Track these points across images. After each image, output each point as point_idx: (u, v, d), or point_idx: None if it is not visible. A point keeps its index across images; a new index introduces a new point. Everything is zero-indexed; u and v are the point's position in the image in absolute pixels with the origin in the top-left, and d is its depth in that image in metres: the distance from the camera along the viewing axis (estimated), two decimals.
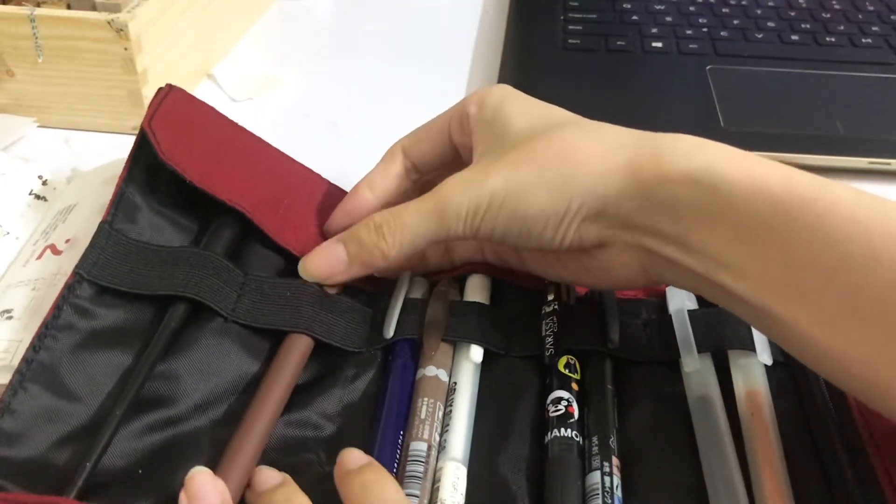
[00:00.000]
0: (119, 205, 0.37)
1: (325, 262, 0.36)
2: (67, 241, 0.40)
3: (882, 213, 0.26)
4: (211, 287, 0.35)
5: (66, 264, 0.39)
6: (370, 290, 0.39)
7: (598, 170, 0.31)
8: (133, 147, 0.39)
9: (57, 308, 0.33)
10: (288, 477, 0.30)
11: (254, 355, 0.35)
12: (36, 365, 0.32)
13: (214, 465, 0.30)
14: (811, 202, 0.27)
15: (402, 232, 0.34)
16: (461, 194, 0.33)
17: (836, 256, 0.26)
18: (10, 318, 0.36)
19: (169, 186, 0.39)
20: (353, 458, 0.29)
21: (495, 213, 0.33)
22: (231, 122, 0.43)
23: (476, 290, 0.38)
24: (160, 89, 0.40)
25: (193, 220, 0.39)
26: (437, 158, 0.39)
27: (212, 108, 0.42)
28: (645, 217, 0.31)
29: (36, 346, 0.32)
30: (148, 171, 0.39)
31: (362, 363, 0.36)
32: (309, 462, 0.32)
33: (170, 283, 0.35)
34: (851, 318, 0.26)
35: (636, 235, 0.32)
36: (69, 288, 0.34)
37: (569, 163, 0.32)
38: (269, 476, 0.30)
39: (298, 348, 0.35)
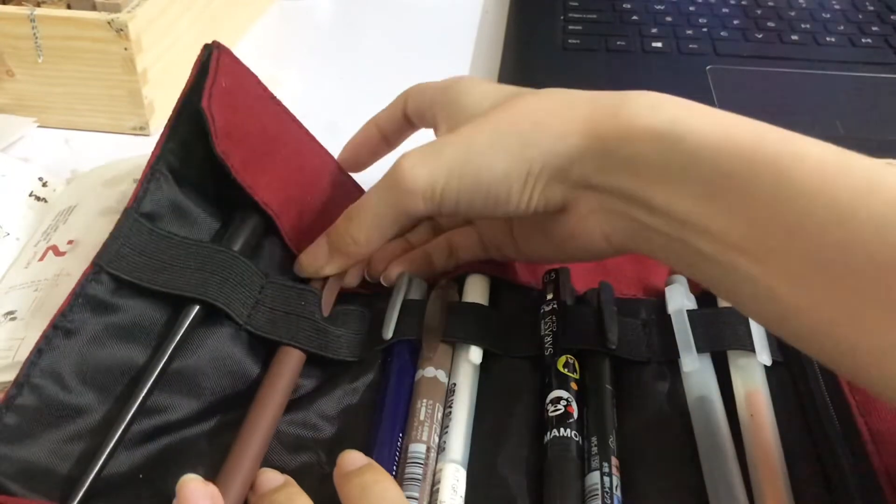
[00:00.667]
0: (146, 192, 0.35)
1: (311, 257, 0.37)
2: (70, 242, 0.40)
3: (847, 168, 0.25)
4: (230, 291, 0.34)
5: (69, 265, 0.38)
6: (369, 292, 0.39)
7: (556, 130, 0.31)
8: (168, 125, 0.36)
9: (71, 301, 0.32)
10: (290, 479, 0.30)
11: (258, 360, 0.35)
12: (44, 362, 0.31)
13: (215, 470, 0.30)
14: (776, 157, 0.26)
15: (365, 213, 0.34)
16: (417, 168, 0.32)
17: (800, 211, 0.25)
18: (14, 318, 0.36)
19: (198, 170, 0.37)
20: (352, 459, 0.29)
21: (456, 184, 0.32)
22: (270, 94, 0.40)
23: (475, 291, 0.38)
24: (207, 50, 0.37)
25: (220, 207, 0.38)
26: (424, 120, 0.39)
27: (254, 77, 0.40)
28: (606, 176, 0.30)
29: (48, 337, 0.31)
30: (178, 153, 0.37)
31: (361, 365, 0.36)
32: (309, 463, 0.32)
33: (188, 284, 0.34)
34: (815, 274, 0.25)
35: (599, 196, 0.31)
36: (86, 280, 0.33)
37: (526, 124, 0.31)
38: (271, 478, 0.30)
39: (293, 356, 0.35)
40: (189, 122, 0.36)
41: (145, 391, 0.31)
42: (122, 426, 0.30)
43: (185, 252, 0.35)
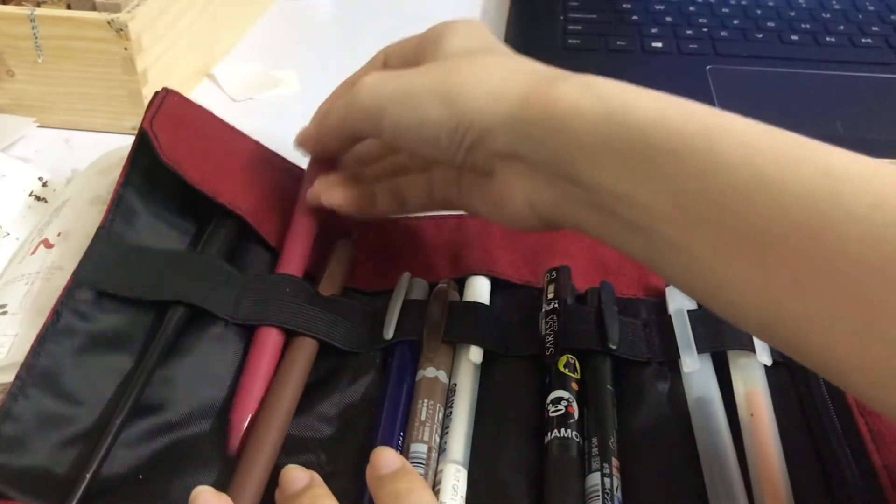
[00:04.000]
0: (117, 208, 0.37)
1: (300, 137, 0.40)
2: (59, 234, 0.40)
3: (772, 140, 0.26)
4: (210, 291, 0.35)
5: (59, 257, 0.39)
6: (369, 291, 0.39)
7: (493, 91, 0.31)
8: (132, 149, 0.39)
9: (56, 313, 0.33)
10: (316, 476, 0.29)
11: None
12: (36, 370, 0.32)
13: (217, 468, 0.30)
14: (704, 129, 0.26)
15: (334, 111, 0.37)
16: (374, 87, 0.34)
17: (725, 182, 0.25)
18: (5, 313, 0.36)
19: (167, 188, 0.39)
20: (386, 460, 0.28)
21: (396, 114, 0.33)
22: (227, 125, 0.43)
23: (475, 291, 0.38)
24: (157, 93, 0.40)
25: (192, 222, 0.40)
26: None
27: (208, 112, 0.42)
28: (532, 146, 0.30)
29: (36, 351, 0.32)
30: (146, 173, 0.38)
31: (362, 365, 0.36)
32: (309, 463, 0.32)
33: (168, 289, 0.35)
34: (743, 244, 0.25)
35: (524, 166, 0.31)
36: (68, 292, 0.34)
37: (471, 78, 0.31)
38: (297, 476, 0.29)
39: (304, 354, 0.35)
40: (147, 148, 0.37)
41: (133, 398, 0.32)
42: (114, 430, 0.30)
43: (159, 261, 0.36)
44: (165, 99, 0.40)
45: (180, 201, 0.39)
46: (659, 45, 0.63)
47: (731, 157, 0.25)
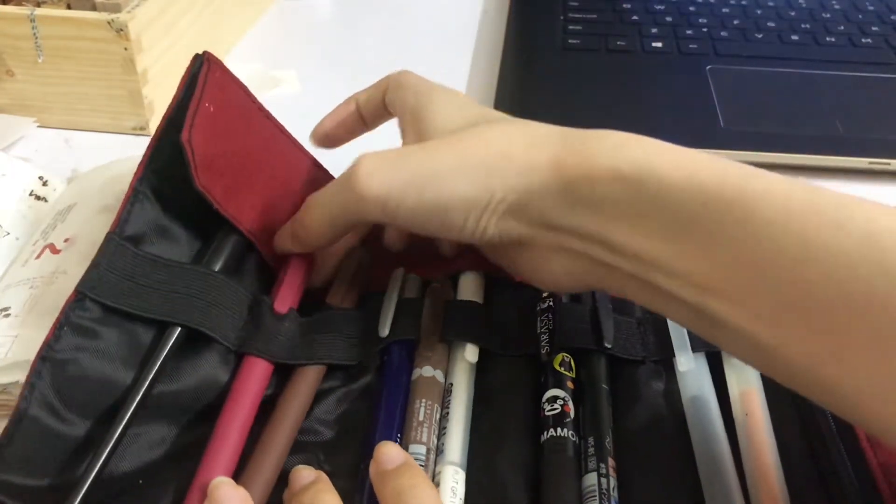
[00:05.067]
0: (129, 214, 0.35)
1: (279, 237, 0.37)
2: (66, 240, 0.40)
3: (813, 204, 0.25)
4: (217, 315, 0.34)
5: (65, 263, 0.38)
6: (364, 291, 0.39)
7: (521, 163, 0.30)
8: (148, 151, 0.36)
9: (58, 328, 0.31)
10: (322, 475, 0.29)
11: None
12: (38, 388, 0.30)
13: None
14: (741, 195, 0.26)
15: (317, 206, 0.34)
16: (375, 176, 0.31)
17: (768, 251, 0.25)
18: (8, 315, 0.36)
19: (181, 192, 0.36)
20: (389, 455, 0.28)
21: (414, 201, 0.31)
22: (258, 106, 0.40)
23: (470, 289, 0.38)
24: (199, 59, 0.37)
25: (202, 223, 0.37)
26: (396, 114, 0.39)
27: (242, 89, 0.40)
28: (566, 214, 0.29)
29: (37, 370, 0.31)
30: (160, 176, 0.36)
31: (358, 366, 0.36)
32: (308, 463, 0.32)
33: (174, 309, 0.33)
34: (787, 312, 0.25)
35: (559, 236, 0.30)
36: (71, 307, 0.32)
37: (493, 153, 0.30)
38: (304, 476, 0.30)
39: (314, 371, 0.35)
40: (172, 144, 0.35)
41: (132, 410, 0.31)
42: (110, 446, 0.30)
43: (170, 275, 0.34)
44: (208, 77, 0.36)
45: (191, 205, 0.36)
46: (659, 45, 0.63)
47: (771, 224, 0.25)
